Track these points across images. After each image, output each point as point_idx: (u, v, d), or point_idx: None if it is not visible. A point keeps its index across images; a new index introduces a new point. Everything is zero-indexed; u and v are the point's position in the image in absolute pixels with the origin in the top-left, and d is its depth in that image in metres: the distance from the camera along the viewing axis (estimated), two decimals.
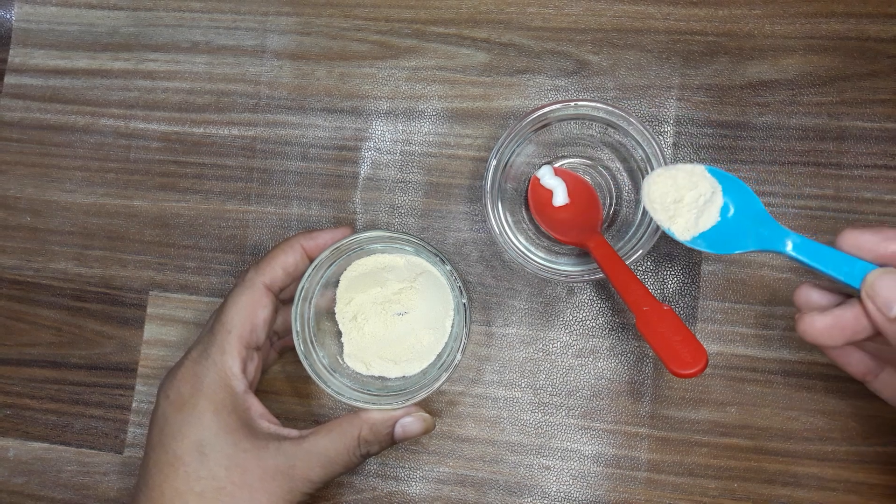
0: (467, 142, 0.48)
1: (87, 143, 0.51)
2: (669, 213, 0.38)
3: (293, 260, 0.42)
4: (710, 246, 0.37)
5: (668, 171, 0.38)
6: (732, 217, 0.37)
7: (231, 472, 0.39)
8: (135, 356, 0.49)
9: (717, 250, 0.37)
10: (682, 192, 0.37)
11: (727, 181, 0.37)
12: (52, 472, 0.49)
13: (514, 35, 0.48)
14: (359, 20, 0.49)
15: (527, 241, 0.45)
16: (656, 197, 0.38)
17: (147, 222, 0.50)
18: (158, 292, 0.50)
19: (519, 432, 0.47)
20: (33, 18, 0.52)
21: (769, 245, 0.35)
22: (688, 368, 0.36)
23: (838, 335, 0.33)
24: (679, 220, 0.37)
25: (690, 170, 0.38)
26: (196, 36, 0.50)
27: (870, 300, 0.32)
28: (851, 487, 0.44)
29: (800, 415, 0.45)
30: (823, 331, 0.34)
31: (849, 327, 0.33)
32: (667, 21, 0.47)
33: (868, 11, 0.46)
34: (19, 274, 0.51)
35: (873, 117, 0.46)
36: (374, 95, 0.49)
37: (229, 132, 0.50)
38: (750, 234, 0.36)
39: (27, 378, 0.50)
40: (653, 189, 0.38)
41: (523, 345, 0.47)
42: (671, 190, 0.38)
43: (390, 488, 0.47)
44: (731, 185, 0.37)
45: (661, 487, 0.45)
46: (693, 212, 0.37)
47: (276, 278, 0.42)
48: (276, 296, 0.42)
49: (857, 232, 0.33)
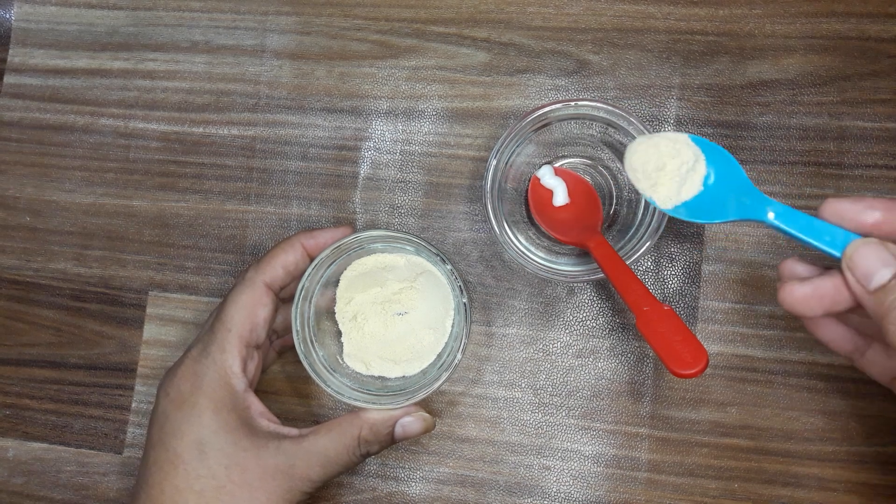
0: (467, 142, 0.48)
1: (87, 143, 0.51)
2: (651, 181, 0.37)
3: (293, 258, 0.42)
4: (692, 215, 0.36)
5: (651, 138, 0.37)
6: (714, 186, 0.36)
7: (230, 470, 0.39)
8: (134, 356, 0.49)
9: (699, 219, 0.36)
10: (665, 160, 0.37)
11: (710, 149, 0.36)
12: (52, 473, 0.49)
13: (515, 35, 0.48)
14: (359, 20, 0.49)
15: (527, 241, 0.45)
16: (638, 165, 0.37)
17: (146, 222, 0.50)
18: (158, 292, 0.50)
19: (519, 432, 0.47)
20: (33, 18, 0.52)
21: (751, 214, 0.35)
22: (688, 369, 0.36)
23: (817, 305, 0.33)
24: (661, 188, 0.37)
25: (674, 137, 0.37)
26: (195, 35, 0.50)
27: (849, 271, 0.32)
28: (852, 488, 0.44)
29: (800, 415, 0.45)
30: (802, 299, 0.33)
31: (828, 297, 0.33)
32: (667, 21, 0.47)
33: (869, 11, 0.46)
34: (19, 274, 0.51)
35: (874, 117, 0.46)
36: (374, 95, 0.49)
37: (229, 132, 0.50)
38: (732, 203, 0.35)
39: (26, 378, 0.50)
40: (634, 157, 0.37)
41: (523, 345, 0.47)
42: (653, 157, 0.37)
43: (390, 488, 0.47)
44: (715, 153, 0.36)
45: (662, 488, 0.45)
46: (675, 180, 0.36)
47: (276, 277, 0.42)
48: (277, 294, 0.42)
49: (838, 201, 0.33)
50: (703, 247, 0.46)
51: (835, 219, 0.33)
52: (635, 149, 0.37)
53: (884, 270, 0.31)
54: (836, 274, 0.33)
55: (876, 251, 0.32)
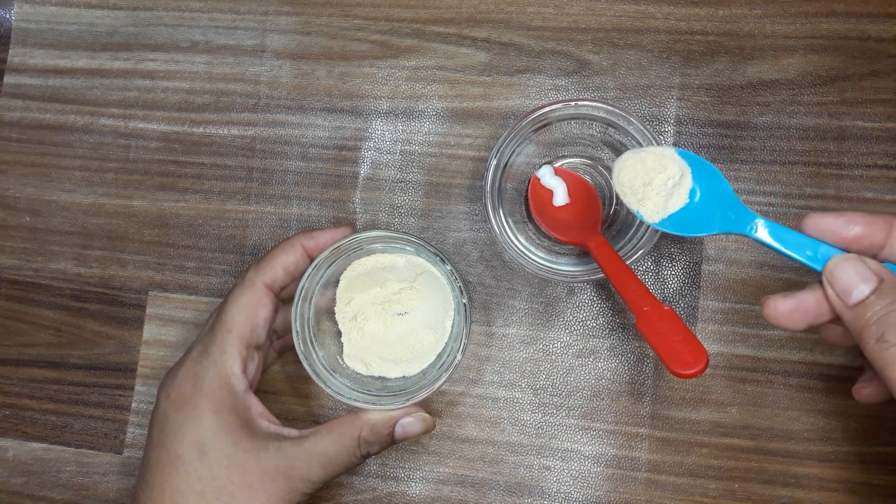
0: (467, 142, 0.48)
1: (87, 143, 0.51)
2: (638, 196, 0.37)
3: (293, 259, 0.42)
4: (677, 228, 0.37)
5: (638, 153, 0.38)
6: (700, 200, 0.37)
7: (231, 471, 0.39)
8: (134, 356, 0.49)
9: (684, 232, 0.37)
10: (651, 175, 0.37)
11: (697, 164, 0.37)
12: (52, 473, 0.49)
13: (515, 35, 0.48)
14: (359, 20, 0.49)
15: (527, 241, 0.45)
16: (625, 181, 0.38)
17: (146, 222, 0.50)
18: (158, 292, 0.50)
19: (519, 433, 0.47)
20: (33, 18, 0.52)
21: (735, 227, 0.36)
22: (688, 369, 0.36)
23: (800, 319, 0.34)
24: (648, 202, 0.37)
25: (660, 152, 0.37)
26: (195, 35, 0.50)
27: (829, 286, 0.33)
28: (852, 488, 0.44)
29: (800, 415, 0.45)
30: (786, 313, 0.34)
31: (811, 311, 0.34)
32: (667, 21, 0.47)
33: (869, 11, 0.46)
34: (18, 274, 0.51)
35: (874, 117, 0.46)
36: (374, 95, 0.49)
37: (229, 132, 0.50)
38: (717, 216, 0.36)
39: (26, 378, 0.50)
40: (622, 173, 0.38)
41: (523, 345, 0.47)
42: (640, 173, 0.37)
43: (390, 489, 0.47)
44: (701, 167, 0.37)
45: (662, 488, 0.45)
46: (662, 195, 0.37)
47: (276, 277, 0.42)
48: (277, 295, 0.42)
49: (821, 216, 0.34)
50: (703, 247, 0.46)
51: (817, 233, 0.34)
52: (623, 164, 0.38)
53: (863, 286, 0.32)
54: (817, 287, 0.34)
55: (855, 267, 0.32)
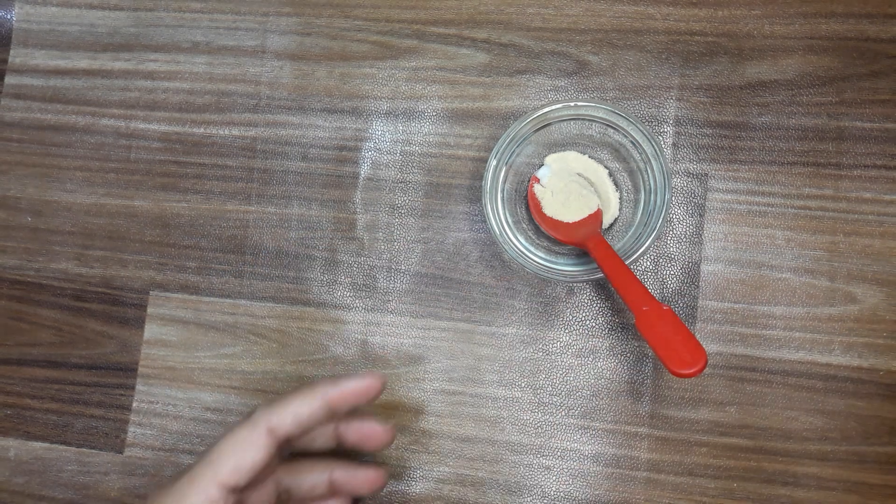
0: (467, 142, 0.48)
1: (88, 144, 0.51)
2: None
3: (308, 411, 0.39)
4: None
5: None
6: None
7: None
8: (135, 356, 0.50)
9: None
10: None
11: None
12: (53, 472, 0.49)
13: (514, 35, 0.48)
14: (359, 20, 0.49)
15: (527, 241, 0.45)
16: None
17: (148, 222, 0.50)
18: (159, 292, 0.50)
19: (519, 432, 0.47)
20: (34, 19, 0.52)
21: None
22: (687, 368, 0.36)
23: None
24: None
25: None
26: (196, 36, 0.50)
27: None
28: (851, 487, 0.44)
29: (799, 415, 0.45)
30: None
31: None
32: (666, 21, 0.47)
33: (868, 11, 0.46)
34: (20, 274, 0.51)
35: (873, 117, 0.46)
36: (375, 95, 0.49)
37: (230, 132, 0.50)
38: None
39: (28, 378, 0.50)
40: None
41: (523, 345, 0.47)
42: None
43: (390, 488, 0.47)
44: None
45: (661, 487, 0.46)
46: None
47: (283, 424, 0.38)
48: (279, 441, 0.38)
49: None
50: (702, 247, 0.46)
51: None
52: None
53: None
54: None
55: None
